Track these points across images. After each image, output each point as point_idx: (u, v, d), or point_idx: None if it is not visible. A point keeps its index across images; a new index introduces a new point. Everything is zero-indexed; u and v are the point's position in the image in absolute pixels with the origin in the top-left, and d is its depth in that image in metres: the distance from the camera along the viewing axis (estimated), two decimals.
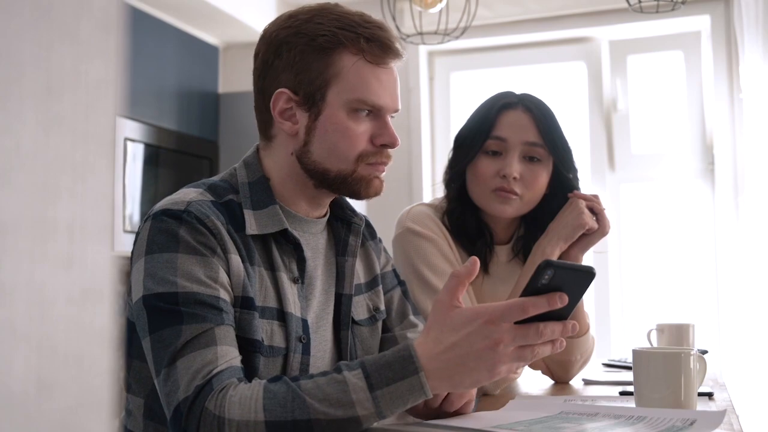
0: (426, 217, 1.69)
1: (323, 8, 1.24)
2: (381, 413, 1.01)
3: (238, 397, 1.01)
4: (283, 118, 1.24)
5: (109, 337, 0.42)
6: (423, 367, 1.01)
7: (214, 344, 1.07)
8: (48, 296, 0.39)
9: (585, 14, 3.90)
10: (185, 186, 1.25)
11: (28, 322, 0.38)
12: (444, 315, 1.04)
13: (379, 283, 1.42)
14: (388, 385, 1.00)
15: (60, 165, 0.40)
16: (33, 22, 0.40)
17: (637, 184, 3.92)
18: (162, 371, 1.06)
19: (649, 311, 3.75)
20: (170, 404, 1.04)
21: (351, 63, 1.21)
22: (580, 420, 1.15)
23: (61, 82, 0.41)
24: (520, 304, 1.00)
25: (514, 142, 1.65)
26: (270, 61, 1.24)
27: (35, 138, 0.39)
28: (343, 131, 1.22)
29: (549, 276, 0.99)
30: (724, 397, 1.47)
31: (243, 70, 4.11)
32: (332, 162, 1.23)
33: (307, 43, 1.21)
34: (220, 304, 1.11)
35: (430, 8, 2.89)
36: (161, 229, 1.13)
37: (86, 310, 0.40)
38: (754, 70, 3.39)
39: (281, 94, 1.23)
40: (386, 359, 1.02)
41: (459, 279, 1.05)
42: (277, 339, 1.19)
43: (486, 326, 1.00)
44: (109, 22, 0.43)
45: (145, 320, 1.10)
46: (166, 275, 1.10)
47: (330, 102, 1.21)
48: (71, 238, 0.40)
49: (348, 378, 1.01)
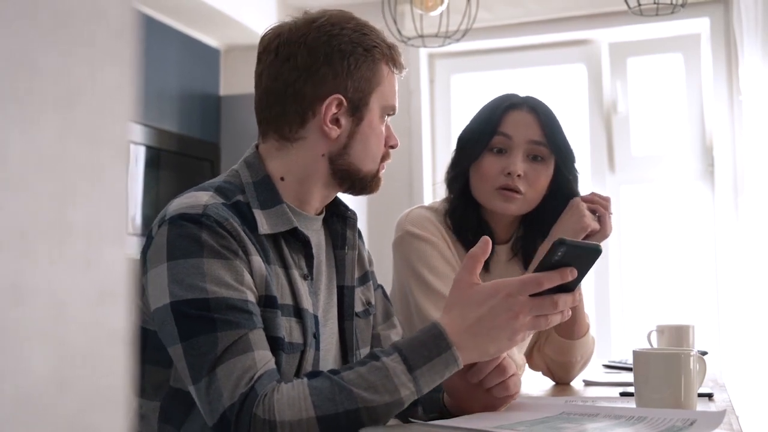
0: (425, 219, 1.71)
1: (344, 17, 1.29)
2: (420, 390, 1.08)
3: (285, 398, 1.05)
4: (331, 123, 1.26)
5: (124, 338, 0.42)
6: (453, 342, 1.09)
7: (250, 350, 1.09)
8: (65, 298, 0.40)
9: (585, 17, 3.91)
10: (190, 189, 1.25)
11: (46, 322, 0.39)
12: (465, 292, 1.13)
13: (370, 279, 1.46)
14: (425, 363, 1.08)
15: (77, 169, 0.41)
16: (50, 29, 0.41)
17: (637, 186, 3.93)
18: (202, 380, 1.08)
19: (649, 312, 3.76)
20: (214, 411, 1.07)
21: (387, 72, 1.31)
22: (581, 420, 1.16)
23: (78, 88, 0.41)
24: (537, 278, 1.10)
25: (519, 140, 1.68)
26: (315, 66, 1.25)
27: (53, 143, 0.40)
28: (378, 135, 1.31)
29: (562, 252, 1.09)
30: (723, 397, 1.48)
31: (244, 73, 4.10)
32: (365, 163, 1.30)
33: (362, 53, 1.27)
34: (249, 307, 1.13)
35: (431, 11, 2.90)
36: (181, 234, 1.14)
37: (102, 312, 0.41)
38: (754, 72, 3.40)
39: (334, 100, 1.25)
40: (419, 340, 1.10)
41: (475, 258, 1.14)
42: (296, 335, 1.22)
43: (506, 299, 1.10)
44: (124, 28, 0.44)
45: (173, 327, 1.11)
46: (195, 281, 1.11)
47: (371, 108, 1.29)
48: (88, 241, 0.41)
49: (387, 363, 1.07)
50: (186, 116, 3.66)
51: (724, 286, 3.62)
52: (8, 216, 0.38)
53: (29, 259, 0.38)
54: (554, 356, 1.75)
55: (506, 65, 4.15)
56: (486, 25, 3.91)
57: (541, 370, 1.82)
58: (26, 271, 0.38)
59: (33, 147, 0.39)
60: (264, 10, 3.98)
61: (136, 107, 0.44)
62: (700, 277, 3.76)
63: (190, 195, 1.21)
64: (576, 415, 1.20)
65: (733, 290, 3.55)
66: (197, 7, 3.62)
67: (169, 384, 1.20)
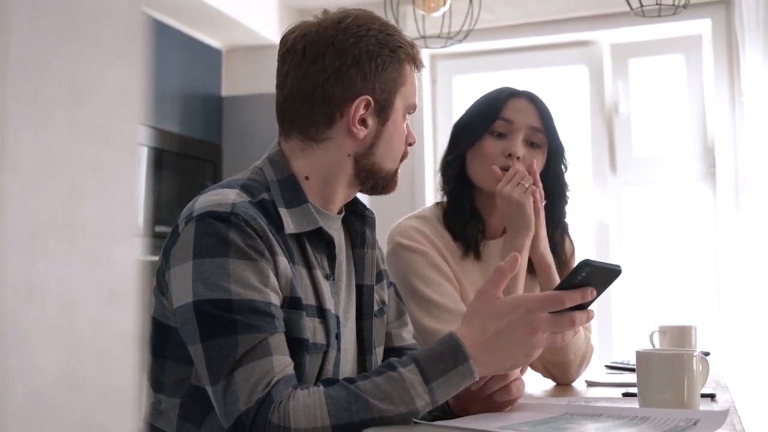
0: (413, 230, 1.73)
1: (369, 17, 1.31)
2: (435, 402, 1.09)
3: (301, 406, 1.05)
4: (359, 123, 1.27)
5: (134, 336, 0.43)
6: (470, 355, 1.10)
7: (269, 354, 1.09)
8: (75, 297, 0.40)
9: (587, 18, 3.92)
10: (216, 186, 1.24)
11: (56, 321, 0.40)
12: (487, 304, 1.13)
13: (384, 278, 1.46)
14: (441, 375, 1.09)
15: (87, 169, 0.41)
16: (61, 30, 0.41)
17: (638, 187, 3.93)
18: (220, 381, 1.08)
19: (651, 313, 3.76)
20: (230, 414, 1.07)
21: (410, 72, 1.33)
22: (584, 421, 1.16)
23: (88, 88, 0.42)
24: (559, 297, 1.11)
25: (520, 124, 1.74)
26: (344, 68, 1.25)
27: (63, 142, 0.40)
28: (401, 134, 1.33)
29: (585, 273, 1.11)
30: (726, 398, 1.48)
31: (246, 74, 4.12)
32: (388, 162, 1.32)
33: (389, 54, 1.28)
34: (272, 309, 1.12)
35: (433, 12, 2.90)
36: (209, 233, 1.13)
37: (112, 311, 0.42)
38: (755, 73, 3.40)
39: (363, 101, 1.25)
40: (436, 352, 1.11)
41: (502, 272, 1.15)
42: (319, 336, 1.22)
43: (527, 315, 1.10)
44: (133, 30, 0.44)
45: (195, 326, 1.11)
46: (219, 281, 1.11)
47: (396, 108, 1.30)
48: (98, 240, 0.41)
49: (404, 374, 1.08)
50: (188, 117, 3.66)
51: (725, 287, 3.62)
52: (19, 215, 0.38)
53: (40, 258, 0.38)
54: (549, 357, 1.75)
55: (508, 66, 4.15)
56: (488, 26, 3.91)
57: (540, 372, 1.82)
58: (36, 270, 0.38)
59: (44, 147, 0.39)
60: (265, 11, 3.99)
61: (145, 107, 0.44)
62: (702, 277, 3.76)
63: (217, 192, 1.20)
64: (579, 415, 1.20)
65: (734, 290, 3.55)
66: (199, 8, 3.62)
67: (190, 382, 1.20)
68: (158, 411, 1.26)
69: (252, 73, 4.06)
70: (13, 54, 0.38)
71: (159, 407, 1.25)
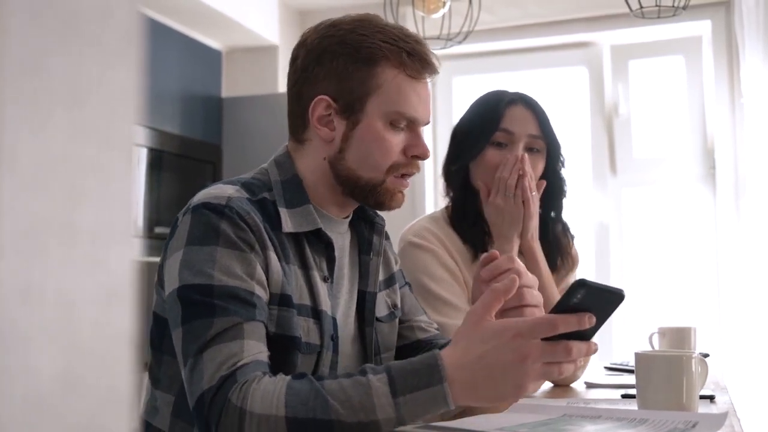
0: (425, 230, 1.80)
1: (366, 19, 1.28)
2: (401, 419, 1.01)
3: (261, 390, 1.02)
4: (320, 124, 1.26)
5: (131, 337, 0.43)
6: (448, 377, 1.00)
7: (241, 338, 1.08)
8: (73, 298, 0.40)
9: (587, 19, 3.92)
10: (218, 182, 1.26)
11: (54, 323, 0.40)
12: (474, 326, 1.03)
13: (396, 281, 1.45)
14: (411, 392, 1.00)
15: (85, 170, 0.41)
16: (59, 31, 0.41)
17: (638, 188, 3.93)
18: (189, 361, 1.08)
19: (651, 314, 3.76)
20: (193, 393, 1.06)
21: (392, 76, 1.24)
22: (582, 422, 1.16)
23: (86, 89, 0.42)
24: (551, 321, 0.99)
25: (520, 134, 1.79)
26: (310, 67, 1.26)
27: (61, 144, 0.40)
28: (379, 141, 1.25)
29: (581, 295, 0.98)
30: (725, 399, 1.48)
31: (246, 74, 4.12)
32: (365, 170, 1.26)
33: (350, 53, 1.23)
34: (254, 299, 1.12)
35: (433, 13, 2.90)
36: (201, 222, 1.15)
37: (110, 312, 0.42)
38: (755, 74, 3.41)
39: (321, 101, 1.25)
40: (412, 366, 1.02)
41: (496, 294, 1.04)
42: (313, 336, 1.21)
43: (514, 340, 0.99)
44: (131, 31, 0.44)
45: (178, 311, 1.11)
46: (204, 268, 1.11)
47: (369, 112, 1.24)
48: (96, 242, 0.41)
49: (372, 381, 1.01)
50: (188, 118, 3.66)
51: (725, 288, 3.62)
52: (17, 216, 0.38)
53: (37, 259, 0.38)
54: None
55: (508, 68, 4.16)
56: (488, 28, 3.91)
57: None
58: (34, 271, 0.38)
59: (42, 148, 0.39)
60: (265, 12, 3.99)
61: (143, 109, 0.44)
62: (702, 279, 3.76)
63: (217, 187, 1.22)
64: (578, 417, 1.20)
65: (734, 292, 3.55)
66: (199, 9, 3.62)
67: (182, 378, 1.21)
68: (154, 408, 1.26)
69: (252, 74, 4.06)
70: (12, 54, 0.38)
71: (155, 404, 1.26)
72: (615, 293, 1.01)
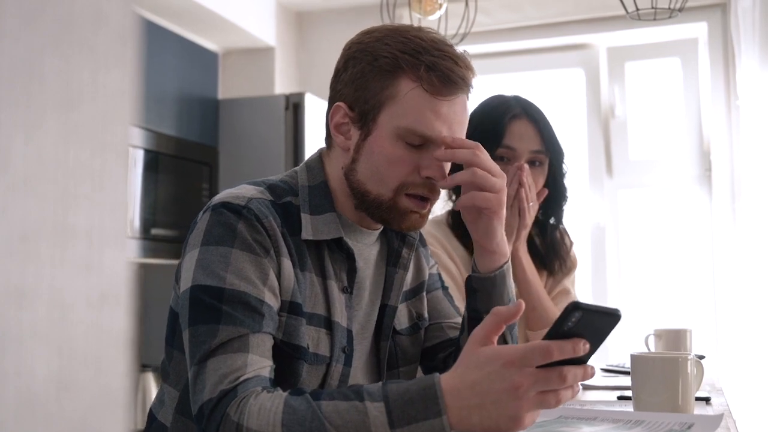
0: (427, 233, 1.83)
1: (398, 29, 1.23)
2: None
3: (258, 407, 1.01)
4: (338, 131, 1.24)
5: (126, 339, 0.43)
6: (447, 406, 0.95)
7: (246, 351, 1.07)
8: (67, 300, 0.40)
9: (583, 21, 3.92)
10: (244, 182, 1.25)
11: (49, 324, 0.40)
12: (472, 351, 0.97)
13: (424, 289, 1.42)
14: (409, 424, 0.95)
15: (79, 172, 0.41)
16: (53, 33, 0.41)
17: (634, 190, 3.94)
18: (193, 367, 1.08)
19: (647, 316, 3.76)
20: (196, 402, 1.06)
21: (407, 89, 1.18)
22: (579, 424, 1.16)
23: (80, 91, 0.42)
24: (544, 348, 0.92)
25: (522, 150, 1.81)
26: (339, 73, 1.26)
27: (55, 146, 0.40)
28: (386, 156, 1.19)
29: (576, 319, 0.92)
30: (721, 401, 1.48)
31: (242, 76, 4.12)
32: (372, 185, 1.21)
33: (369, 61, 1.20)
34: (263, 308, 1.11)
35: (429, 15, 2.90)
36: (219, 222, 1.14)
37: (104, 314, 0.42)
38: (751, 76, 3.41)
39: (339, 108, 1.24)
40: (410, 395, 0.96)
41: (499, 318, 0.97)
42: (323, 347, 1.20)
43: (505, 368, 0.93)
44: (125, 33, 0.44)
45: (187, 311, 1.11)
46: (217, 269, 1.11)
47: (380, 124, 1.20)
48: (89, 244, 0.41)
49: (369, 410, 0.96)
50: (184, 120, 3.66)
51: (721, 290, 3.63)
52: (11, 219, 0.38)
53: (31, 261, 0.38)
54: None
55: (504, 69, 4.16)
56: (484, 30, 3.92)
57: None
58: (28, 273, 0.38)
59: (35, 150, 0.39)
60: (263, 14, 3.99)
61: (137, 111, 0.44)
62: (698, 281, 3.76)
63: (241, 187, 1.22)
64: (574, 419, 1.20)
65: (730, 294, 3.56)
66: (196, 11, 3.62)
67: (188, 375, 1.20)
68: (161, 401, 1.27)
69: (249, 76, 4.06)
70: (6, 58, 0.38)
71: (162, 397, 1.27)
72: (611, 314, 0.95)
